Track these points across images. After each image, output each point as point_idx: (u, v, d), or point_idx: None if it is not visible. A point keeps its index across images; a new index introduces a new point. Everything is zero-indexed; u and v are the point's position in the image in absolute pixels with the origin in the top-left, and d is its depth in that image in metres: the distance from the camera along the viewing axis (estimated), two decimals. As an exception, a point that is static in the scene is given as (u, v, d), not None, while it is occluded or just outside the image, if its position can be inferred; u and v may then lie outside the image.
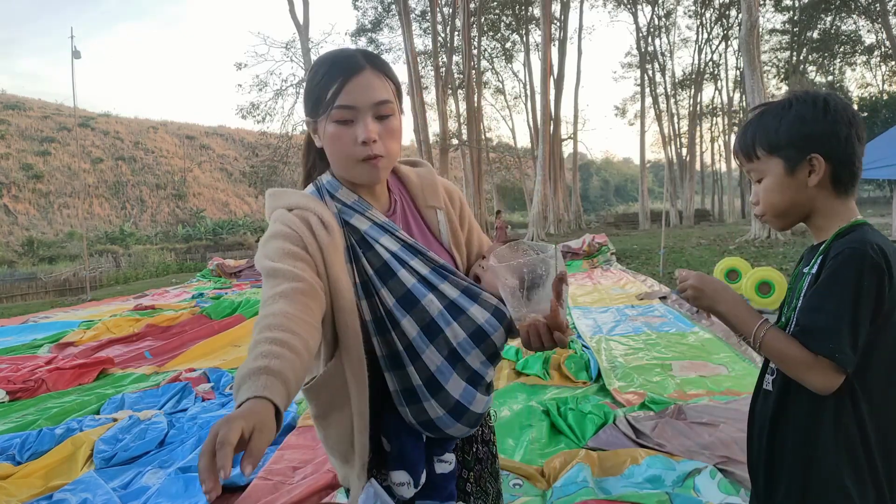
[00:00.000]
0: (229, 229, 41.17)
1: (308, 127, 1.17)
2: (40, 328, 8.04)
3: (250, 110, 27.81)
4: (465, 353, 1.11)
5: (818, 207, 1.11)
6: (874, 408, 1.03)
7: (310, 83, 1.12)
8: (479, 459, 1.32)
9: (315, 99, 1.09)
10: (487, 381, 1.18)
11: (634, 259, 13.46)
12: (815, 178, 1.07)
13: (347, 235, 1.12)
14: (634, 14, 32.01)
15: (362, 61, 1.08)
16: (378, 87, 1.08)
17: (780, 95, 1.21)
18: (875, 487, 1.04)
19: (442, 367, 1.10)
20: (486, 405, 1.19)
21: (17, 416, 3.95)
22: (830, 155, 1.07)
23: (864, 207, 29.55)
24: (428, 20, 27.73)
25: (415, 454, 1.16)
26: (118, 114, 63.25)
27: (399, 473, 1.15)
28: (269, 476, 2.74)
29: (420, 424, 1.14)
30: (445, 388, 1.11)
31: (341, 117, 1.07)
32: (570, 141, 33.06)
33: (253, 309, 7.56)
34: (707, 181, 45.36)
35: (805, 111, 1.08)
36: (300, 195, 1.14)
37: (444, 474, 1.21)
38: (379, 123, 1.09)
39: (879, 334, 1.02)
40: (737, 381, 3.94)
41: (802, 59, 33.11)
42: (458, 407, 1.12)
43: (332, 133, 1.08)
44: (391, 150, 1.11)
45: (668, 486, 2.48)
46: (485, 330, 1.12)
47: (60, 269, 24.62)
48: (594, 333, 5.72)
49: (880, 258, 0.99)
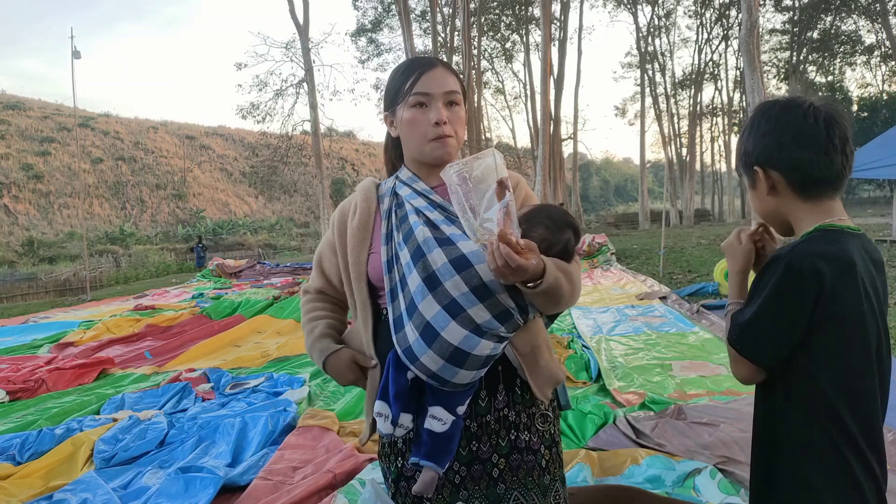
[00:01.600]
0: (229, 229, 41.18)
1: (385, 121, 1.40)
2: (40, 328, 8.03)
3: (250, 110, 27.80)
4: (443, 278, 1.16)
5: (787, 213, 1.14)
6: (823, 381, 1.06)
7: (390, 80, 1.35)
8: (518, 448, 1.30)
9: (395, 91, 1.32)
10: (475, 321, 1.14)
11: (634, 259, 13.47)
12: (764, 188, 1.12)
13: (392, 201, 1.36)
14: (634, 14, 32.00)
15: (435, 60, 1.33)
16: (449, 80, 1.31)
17: (780, 95, 1.23)
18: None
19: (418, 288, 1.18)
20: (472, 347, 1.14)
21: (17, 416, 3.94)
22: (770, 165, 1.11)
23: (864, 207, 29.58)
24: (428, 20, 27.72)
25: (396, 386, 1.19)
26: (118, 114, 63.37)
27: (378, 403, 1.22)
28: (269, 476, 2.73)
29: (404, 353, 1.19)
30: (418, 307, 1.16)
31: (417, 102, 1.28)
32: (570, 141, 33.02)
33: (253, 309, 7.56)
34: (707, 181, 45.36)
35: (747, 129, 1.15)
36: (360, 187, 1.44)
37: (432, 431, 1.20)
38: (448, 110, 1.30)
39: (815, 333, 1.04)
40: (737, 381, 3.93)
41: (802, 59, 33.10)
42: (428, 329, 1.14)
43: (408, 117, 1.30)
44: (459, 132, 1.32)
45: (668, 486, 2.48)
46: (468, 258, 1.15)
47: (60, 270, 24.61)
48: (594, 333, 5.72)
49: (807, 271, 1.01)
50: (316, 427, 3.30)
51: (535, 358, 1.29)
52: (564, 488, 1.38)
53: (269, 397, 4.01)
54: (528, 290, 1.13)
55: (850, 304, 1.03)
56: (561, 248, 1.22)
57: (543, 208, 1.27)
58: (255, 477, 2.72)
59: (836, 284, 1.01)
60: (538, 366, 1.30)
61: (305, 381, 4.34)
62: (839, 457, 1.04)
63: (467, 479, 1.30)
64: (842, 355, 1.04)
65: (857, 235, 1.09)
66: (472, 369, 1.17)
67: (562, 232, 1.22)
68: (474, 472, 1.29)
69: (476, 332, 1.14)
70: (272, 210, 52.94)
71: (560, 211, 1.28)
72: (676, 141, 36.86)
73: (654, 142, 47.82)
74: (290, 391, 4.10)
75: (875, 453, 1.06)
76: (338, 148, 57.39)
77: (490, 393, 1.31)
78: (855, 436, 1.04)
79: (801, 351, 1.05)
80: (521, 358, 1.28)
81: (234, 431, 3.22)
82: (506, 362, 1.29)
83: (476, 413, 1.30)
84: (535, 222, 1.21)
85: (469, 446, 1.30)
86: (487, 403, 1.31)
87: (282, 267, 15.40)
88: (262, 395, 4.08)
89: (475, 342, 1.14)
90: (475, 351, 1.15)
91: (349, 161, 62.76)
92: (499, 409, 1.31)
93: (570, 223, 1.25)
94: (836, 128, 1.07)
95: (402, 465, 1.32)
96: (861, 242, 1.09)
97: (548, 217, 1.23)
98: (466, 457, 1.29)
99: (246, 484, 2.67)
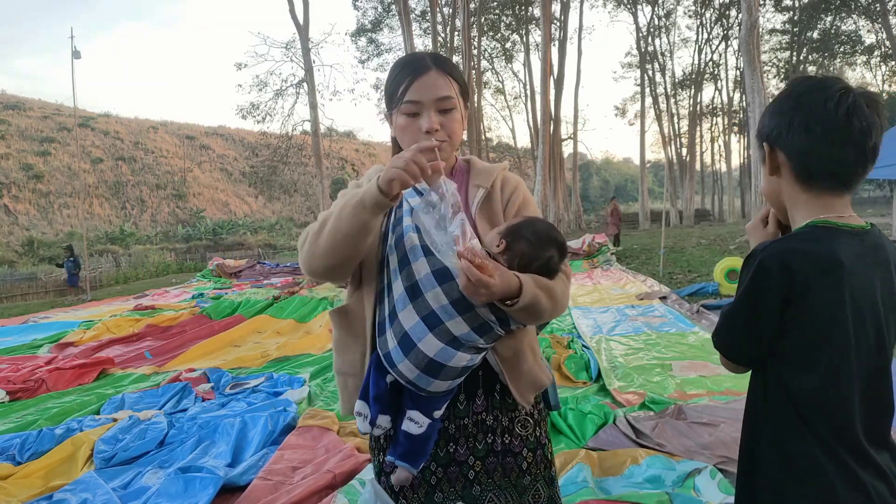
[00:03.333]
0: (229, 229, 41.16)
1: (386, 118, 1.38)
2: (40, 328, 8.03)
3: (250, 110, 27.77)
4: (425, 289, 1.17)
5: (785, 199, 1.09)
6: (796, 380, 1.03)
7: (387, 81, 1.33)
8: (494, 452, 1.32)
9: (389, 95, 1.30)
10: (452, 333, 1.14)
11: (634, 259, 13.46)
12: (768, 166, 1.08)
13: None
14: (634, 14, 31.98)
15: (429, 63, 1.27)
16: (441, 85, 1.26)
17: (820, 74, 1.19)
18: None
19: (400, 297, 1.19)
20: (448, 359, 1.15)
21: (17, 416, 3.94)
22: (778, 144, 1.05)
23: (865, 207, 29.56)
24: (428, 20, 27.71)
25: (376, 389, 1.21)
26: (118, 114, 63.23)
27: (359, 402, 1.25)
28: (269, 476, 2.73)
29: (384, 358, 1.20)
30: (398, 316, 1.18)
31: (409, 111, 1.26)
32: (570, 141, 33.02)
33: (253, 309, 7.56)
34: (707, 181, 45.37)
35: (767, 106, 1.10)
36: (371, 170, 1.37)
37: (408, 433, 1.21)
38: (441, 115, 1.26)
39: (786, 335, 1.02)
40: (737, 380, 3.93)
41: (802, 59, 33.10)
42: (405, 339, 1.16)
43: (401, 124, 1.29)
44: (452, 135, 1.29)
45: (668, 486, 2.48)
46: (451, 271, 1.13)
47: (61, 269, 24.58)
48: (594, 333, 5.72)
49: (776, 269, 0.98)
50: (316, 427, 3.30)
51: (517, 363, 1.28)
52: (551, 488, 1.37)
53: (268, 397, 4.01)
54: (505, 308, 1.13)
55: (826, 306, 0.98)
56: (542, 264, 1.20)
57: (530, 222, 1.24)
58: (255, 477, 2.72)
59: (811, 284, 0.97)
60: (520, 371, 1.29)
61: (305, 381, 4.35)
62: (814, 464, 1.00)
63: (443, 480, 1.30)
64: (813, 359, 1.00)
65: (857, 234, 1.02)
66: (448, 379, 1.18)
67: (544, 248, 1.20)
68: (451, 473, 1.30)
69: (452, 345, 1.15)
70: (272, 210, 52.94)
71: (546, 226, 1.25)
72: (676, 141, 36.85)
73: (654, 142, 47.88)
74: (290, 391, 4.10)
75: (863, 462, 1.00)
76: (338, 148, 57.32)
77: (469, 397, 1.31)
78: (830, 442, 0.99)
79: (774, 351, 1.03)
80: (503, 363, 1.27)
81: (234, 431, 3.22)
82: (487, 366, 1.28)
83: (454, 416, 1.30)
84: (517, 236, 1.20)
85: (447, 448, 1.30)
86: (466, 407, 1.31)
87: (282, 267, 15.37)
88: (261, 395, 4.08)
89: (451, 354, 1.15)
90: (451, 363, 1.16)
91: (349, 161, 62.74)
92: (477, 412, 1.32)
93: (554, 239, 1.23)
94: (857, 119, 0.97)
95: (383, 460, 1.33)
96: (863, 242, 1.02)
97: (532, 232, 1.21)
98: (444, 458, 1.30)
99: (246, 484, 2.67)
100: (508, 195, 1.37)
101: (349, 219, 1.15)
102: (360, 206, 1.14)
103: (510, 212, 1.35)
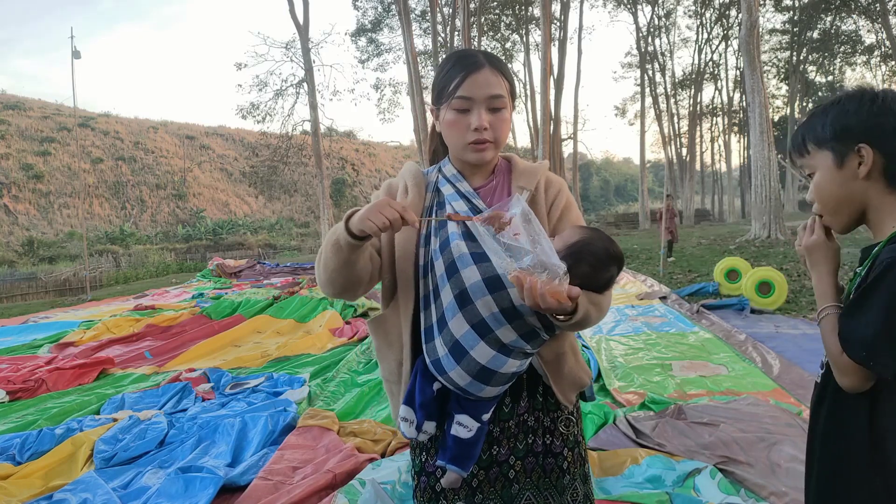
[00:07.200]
0: (229, 229, 41.16)
1: (431, 114, 1.37)
2: (40, 328, 8.03)
3: (250, 110, 27.82)
4: (475, 297, 1.14)
5: (871, 203, 1.06)
6: None
7: (437, 75, 1.31)
8: (534, 452, 1.32)
9: (440, 89, 1.28)
10: (502, 340, 1.14)
11: (634, 259, 13.46)
12: (865, 169, 1.03)
13: (433, 197, 1.34)
14: (634, 14, 32.00)
15: (482, 60, 1.26)
16: (493, 83, 1.25)
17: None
18: None
19: (450, 304, 1.17)
20: (500, 366, 1.15)
21: (17, 416, 3.94)
22: (878, 146, 1.03)
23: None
24: (428, 20, 27.73)
25: (422, 396, 1.21)
26: (118, 114, 63.14)
27: (403, 408, 1.24)
28: (269, 476, 2.73)
29: (433, 365, 1.19)
30: (448, 324, 1.16)
31: (460, 106, 1.25)
32: (570, 141, 33.03)
33: (253, 309, 7.55)
34: (707, 181, 45.37)
35: (851, 104, 1.06)
36: (406, 168, 1.39)
37: (458, 437, 1.21)
38: (491, 114, 1.25)
39: None
40: (737, 381, 3.94)
41: (802, 59, 33.14)
42: (457, 347, 1.14)
43: (449, 119, 1.27)
44: (500, 136, 1.28)
45: (668, 486, 2.48)
46: (502, 280, 1.12)
47: (60, 269, 24.60)
48: (594, 333, 5.71)
49: None
50: (316, 427, 3.30)
51: (559, 365, 1.30)
52: (586, 485, 1.39)
53: (268, 397, 4.01)
54: (556, 322, 1.13)
55: None
56: (601, 284, 1.18)
57: (588, 242, 1.18)
58: (255, 477, 2.71)
59: None
60: (562, 372, 1.30)
61: (305, 381, 4.35)
62: None
63: (484, 482, 1.31)
64: None
65: None
66: (498, 385, 1.18)
67: (606, 270, 1.18)
68: (492, 474, 1.31)
69: (503, 352, 1.15)
70: (272, 210, 52.91)
71: (604, 244, 1.19)
72: (676, 141, 36.88)
73: (654, 142, 47.84)
74: (290, 391, 4.10)
75: None
76: (338, 148, 57.27)
77: (514, 399, 1.32)
78: None
79: None
80: (546, 365, 1.28)
81: (234, 431, 3.22)
82: (530, 369, 1.29)
83: (499, 418, 1.31)
84: (578, 259, 1.15)
85: (490, 450, 1.31)
86: (511, 409, 1.32)
87: (282, 267, 15.39)
88: (261, 395, 4.08)
89: (502, 361, 1.15)
90: (502, 369, 1.16)
91: (349, 161, 62.68)
92: (521, 414, 1.33)
93: (615, 257, 1.19)
94: None
95: (426, 460, 1.33)
96: None
97: (592, 253, 1.17)
98: (486, 461, 1.31)
99: (246, 484, 2.67)
100: (553, 197, 1.35)
101: (333, 256, 1.20)
102: (337, 245, 1.18)
103: (554, 215, 1.34)
